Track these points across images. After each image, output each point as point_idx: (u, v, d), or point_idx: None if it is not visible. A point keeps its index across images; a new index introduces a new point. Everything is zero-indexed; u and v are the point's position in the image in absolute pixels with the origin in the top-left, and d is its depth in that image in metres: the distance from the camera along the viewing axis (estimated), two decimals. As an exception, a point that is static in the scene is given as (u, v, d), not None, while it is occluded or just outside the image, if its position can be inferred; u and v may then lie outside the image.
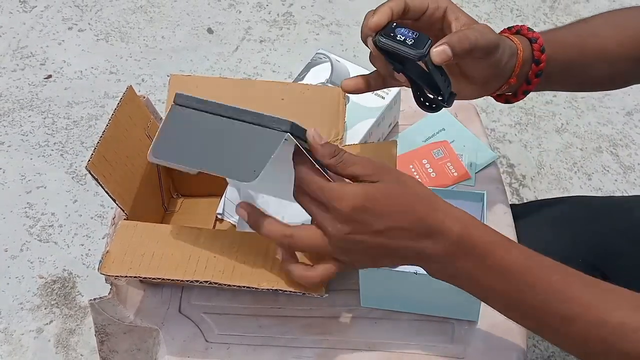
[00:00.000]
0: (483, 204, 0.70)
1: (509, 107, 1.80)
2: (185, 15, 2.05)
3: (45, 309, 1.38)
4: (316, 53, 0.89)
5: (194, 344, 0.68)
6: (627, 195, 1.63)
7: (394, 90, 0.84)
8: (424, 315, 0.68)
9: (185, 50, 1.93)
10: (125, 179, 0.66)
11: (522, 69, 0.65)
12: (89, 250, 1.48)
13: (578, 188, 1.65)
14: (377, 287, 0.67)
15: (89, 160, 0.64)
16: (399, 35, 0.58)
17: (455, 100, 0.63)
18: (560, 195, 1.62)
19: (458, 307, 0.67)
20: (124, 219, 0.67)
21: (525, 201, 1.62)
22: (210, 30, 2.00)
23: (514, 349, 0.66)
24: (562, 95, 1.82)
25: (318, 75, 0.86)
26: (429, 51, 0.57)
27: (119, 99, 0.70)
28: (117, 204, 0.66)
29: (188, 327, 0.69)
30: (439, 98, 0.61)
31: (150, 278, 0.63)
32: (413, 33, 0.58)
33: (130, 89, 0.71)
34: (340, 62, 0.88)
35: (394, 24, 0.59)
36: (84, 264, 1.46)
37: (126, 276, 0.63)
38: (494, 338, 0.67)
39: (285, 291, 0.61)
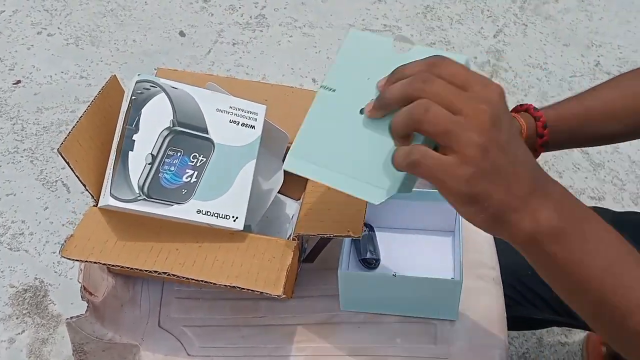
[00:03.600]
0: None
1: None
2: (156, 18, 2.02)
3: (16, 318, 1.36)
4: (137, 82, 0.63)
5: (175, 358, 0.67)
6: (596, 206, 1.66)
7: (260, 111, 0.69)
8: (407, 318, 0.69)
9: (157, 53, 1.91)
10: (99, 166, 0.65)
11: (527, 141, 0.76)
12: (61, 258, 1.45)
13: (550, 186, 1.67)
14: (356, 290, 0.67)
15: (62, 143, 0.62)
16: None
17: None
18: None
19: (437, 307, 0.68)
20: (93, 206, 0.66)
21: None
22: (182, 34, 1.99)
23: (496, 346, 0.66)
24: (533, 95, 1.85)
25: (155, 115, 0.63)
26: None
27: (101, 87, 0.69)
28: (86, 189, 0.65)
29: (169, 341, 0.68)
30: None
31: (109, 265, 0.63)
32: None
33: (113, 78, 0.70)
34: (179, 88, 0.64)
35: None
36: (55, 272, 1.43)
37: (86, 261, 0.62)
38: (476, 336, 0.67)
39: (243, 289, 0.61)
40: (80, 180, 0.64)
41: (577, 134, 0.81)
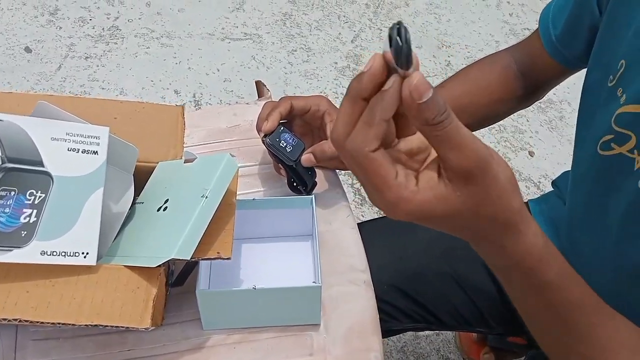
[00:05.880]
0: (312, 209, 0.71)
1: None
2: (-3, 33, 1.88)
3: None
4: None
5: (35, 405, 0.61)
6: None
7: (102, 134, 0.64)
8: (281, 332, 0.68)
9: (1, 72, 1.77)
10: None
11: None
12: None
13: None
14: (217, 308, 0.65)
15: None
16: (282, 142, 0.74)
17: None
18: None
19: (301, 313, 0.68)
20: None
21: (367, 198, 1.68)
22: (28, 49, 1.85)
23: (372, 349, 0.67)
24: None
25: None
26: (299, 158, 0.74)
27: None
28: None
29: (27, 388, 0.62)
30: (303, 188, 0.78)
31: None
32: (293, 140, 0.74)
33: None
34: (5, 120, 0.59)
35: (282, 128, 0.74)
36: None
37: None
38: (352, 342, 0.68)
39: (107, 326, 0.57)
40: None
41: None
